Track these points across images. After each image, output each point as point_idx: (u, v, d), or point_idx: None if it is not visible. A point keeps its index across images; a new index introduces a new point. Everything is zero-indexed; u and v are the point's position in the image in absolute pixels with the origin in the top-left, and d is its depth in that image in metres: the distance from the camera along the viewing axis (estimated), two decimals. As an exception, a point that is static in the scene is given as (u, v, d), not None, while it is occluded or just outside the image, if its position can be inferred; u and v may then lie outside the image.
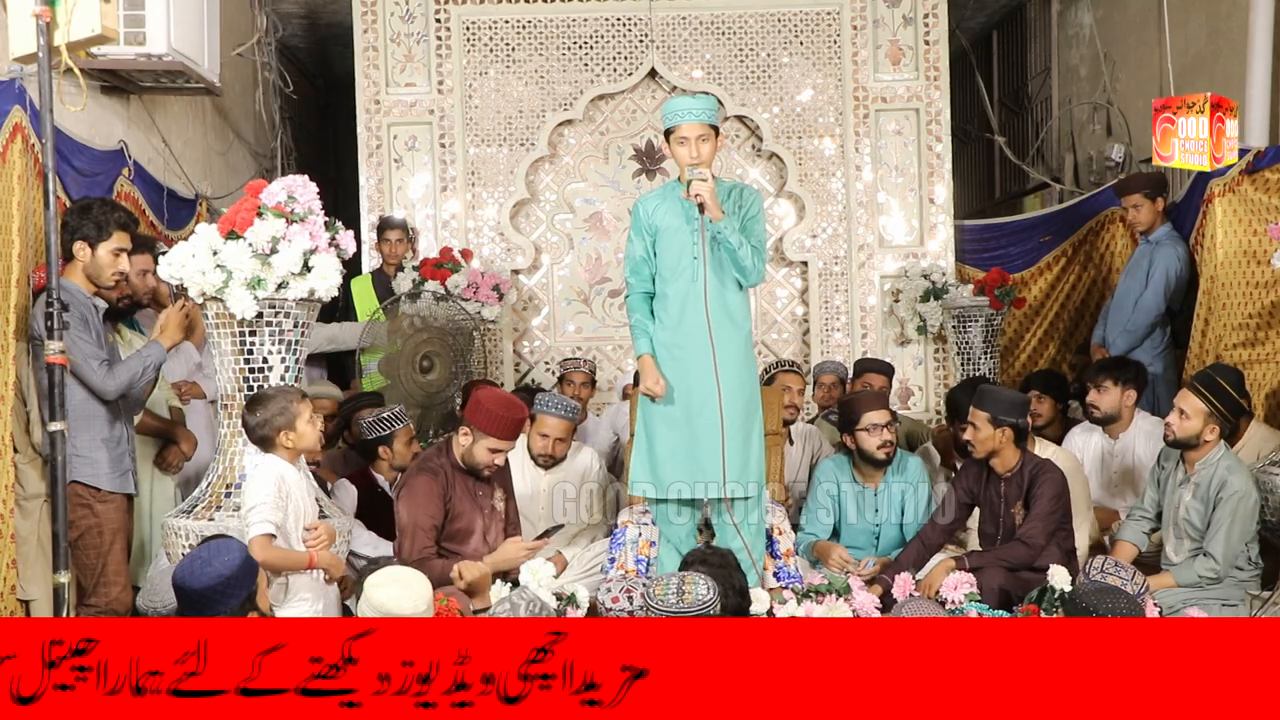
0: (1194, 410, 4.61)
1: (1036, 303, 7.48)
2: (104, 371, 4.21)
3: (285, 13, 7.92)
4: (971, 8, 8.69)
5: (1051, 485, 4.65)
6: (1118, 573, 4.05)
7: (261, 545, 3.73)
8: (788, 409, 5.62)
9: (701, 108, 4.31)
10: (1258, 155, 5.45)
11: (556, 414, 5.15)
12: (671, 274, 4.37)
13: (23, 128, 4.22)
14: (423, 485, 4.56)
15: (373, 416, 5.34)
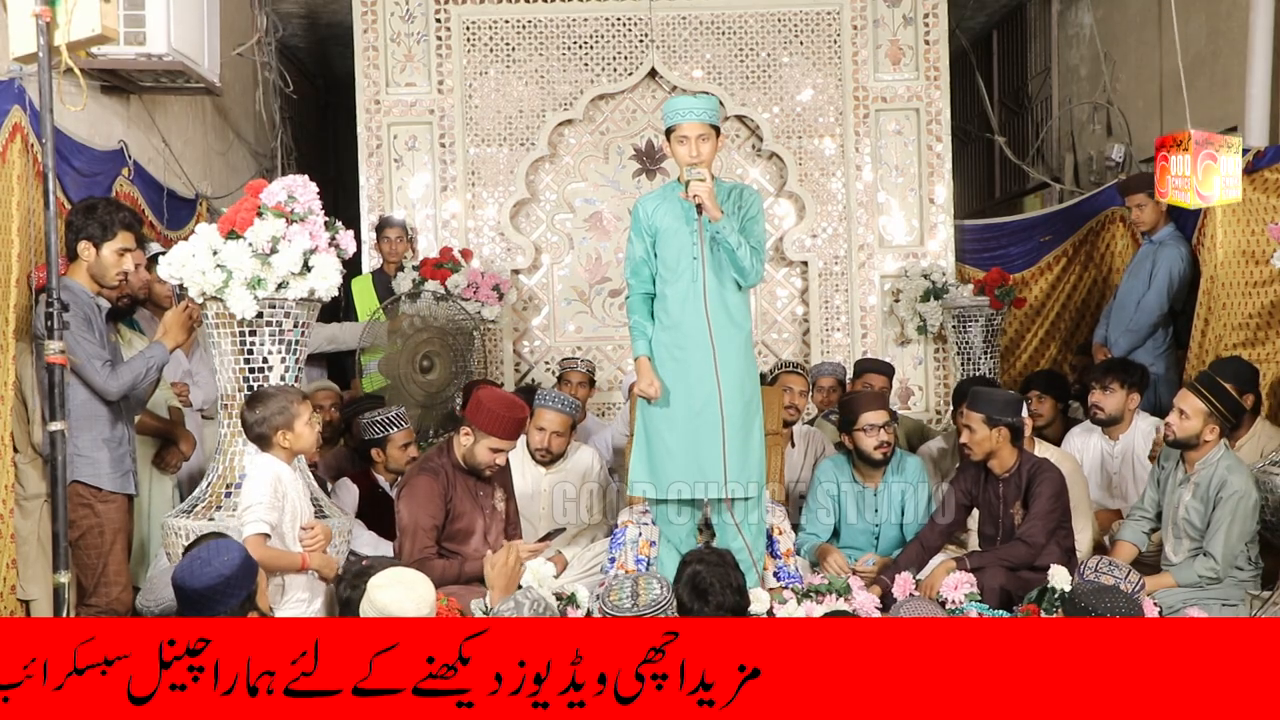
0: (1194, 410, 4.60)
1: (1037, 303, 7.48)
2: (107, 372, 4.21)
3: (285, 13, 7.92)
4: (971, 7, 8.68)
5: (1050, 484, 4.66)
6: (1112, 572, 4.06)
7: (255, 545, 3.73)
8: (789, 410, 5.62)
9: (702, 107, 4.31)
10: (1258, 155, 5.45)
11: (553, 407, 5.17)
12: (671, 275, 4.37)
13: (22, 128, 4.22)
14: (424, 485, 4.56)
15: (369, 418, 5.34)
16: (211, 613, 3.13)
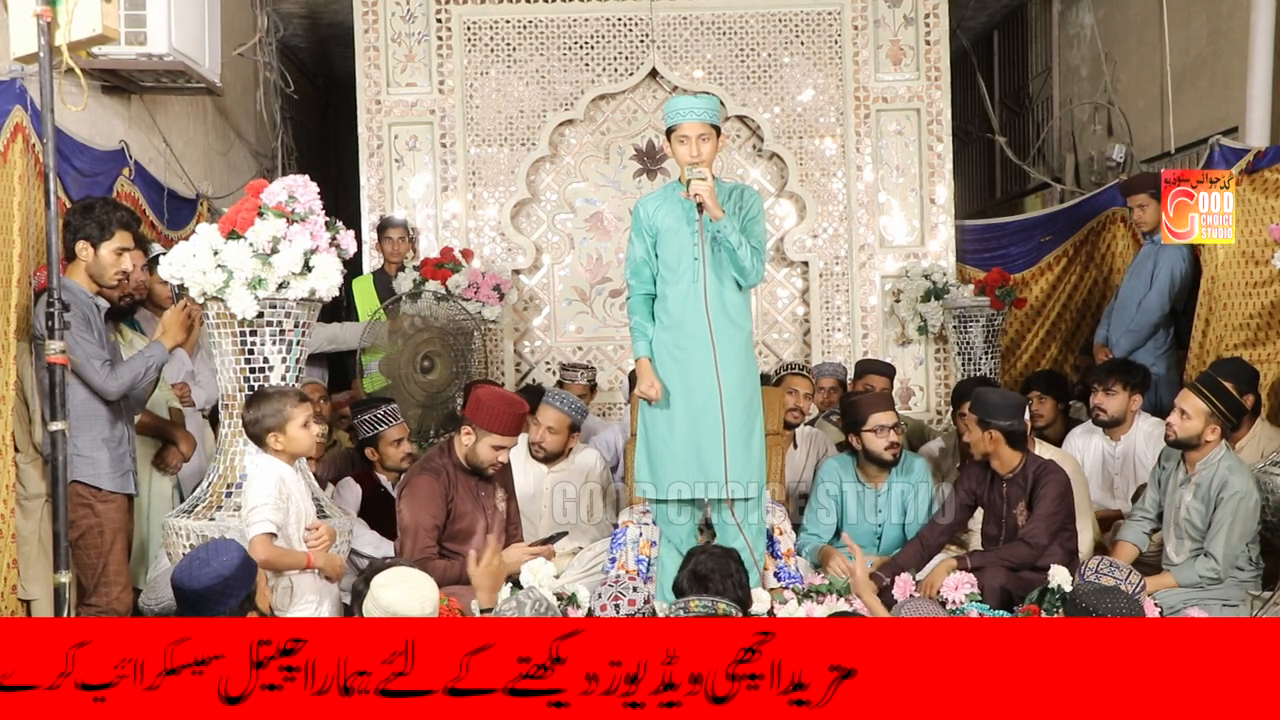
0: (1195, 410, 4.61)
1: (1038, 303, 7.48)
2: (106, 372, 4.21)
3: (286, 13, 7.92)
4: (972, 8, 8.68)
5: (1055, 486, 4.65)
6: (1112, 572, 4.06)
7: (262, 544, 3.73)
8: (793, 411, 5.62)
9: (703, 107, 4.31)
10: (1258, 155, 5.45)
11: (555, 405, 5.20)
12: (672, 275, 4.37)
13: (23, 128, 4.22)
14: (425, 485, 4.57)
15: (360, 417, 5.34)
16: (210, 613, 3.13)
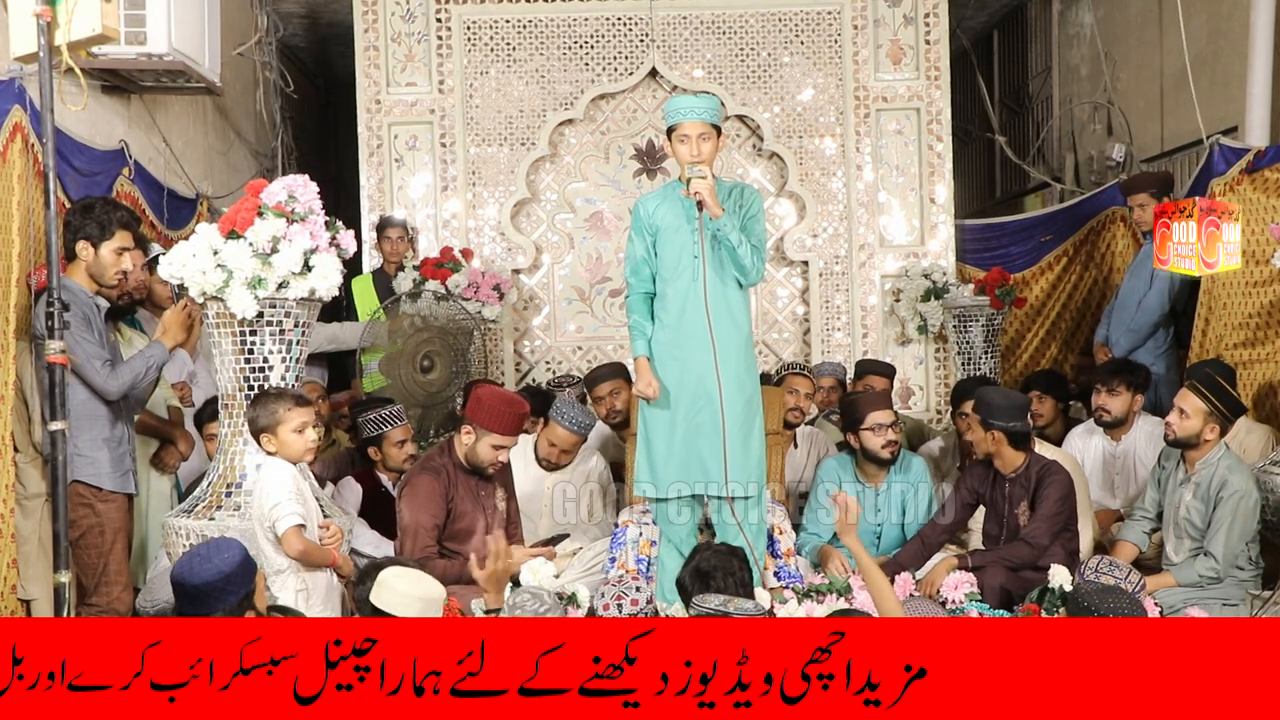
0: (1194, 410, 4.61)
1: (1038, 303, 7.48)
2: (106, 371, 4.21)
3: (286, 12, 7.92)
4: (972, 7, 8.68)
5: (1058, 486, 4.65)
6: (1112, 572, 4.06)
7: (297, 535, 3.75)
8: (793, 411, 5.62)
9: (704, 106, 4.31)
10: (1258, 155, 5.45)
11: (569, 428, 5.14)
12: (672, 274, 4.37)
13: (23, 127, 4.22)
14: (425, 485, 4.57)
15: (365, 416, 5.34)
16: (209, 611, 3.13)
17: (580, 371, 7.08)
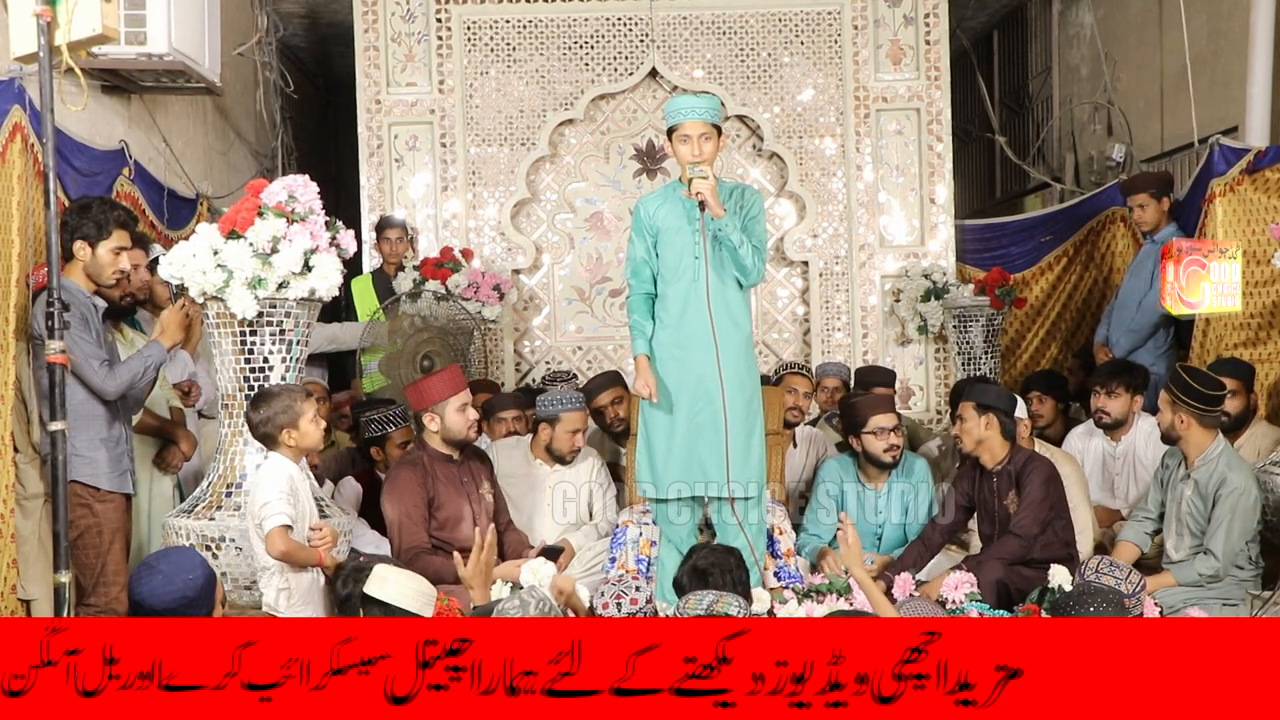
0: (1163, 403, 4.71)
1: (1038, 303, 7.48)
2: (105, 372, 4.20)
3: (286, 12, 7.92)
4: (972, 7, 8.68)
5: (1039, 473, 4.67)
6: (1113, 572, 4.05)
7: (282, 536, 3.74)
8: (792, 411, 5.62)
9: (705, 106, 4.31)
10: (1258, 155, 5.45)
11: (570, 408, 5.17)
12: (673, 274, 4.37)
13: (22, 127, 4.22)
14: (402, 478, 4.67)
15: (368, 417, 5.36)
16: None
17: (580, 372, 7.08)
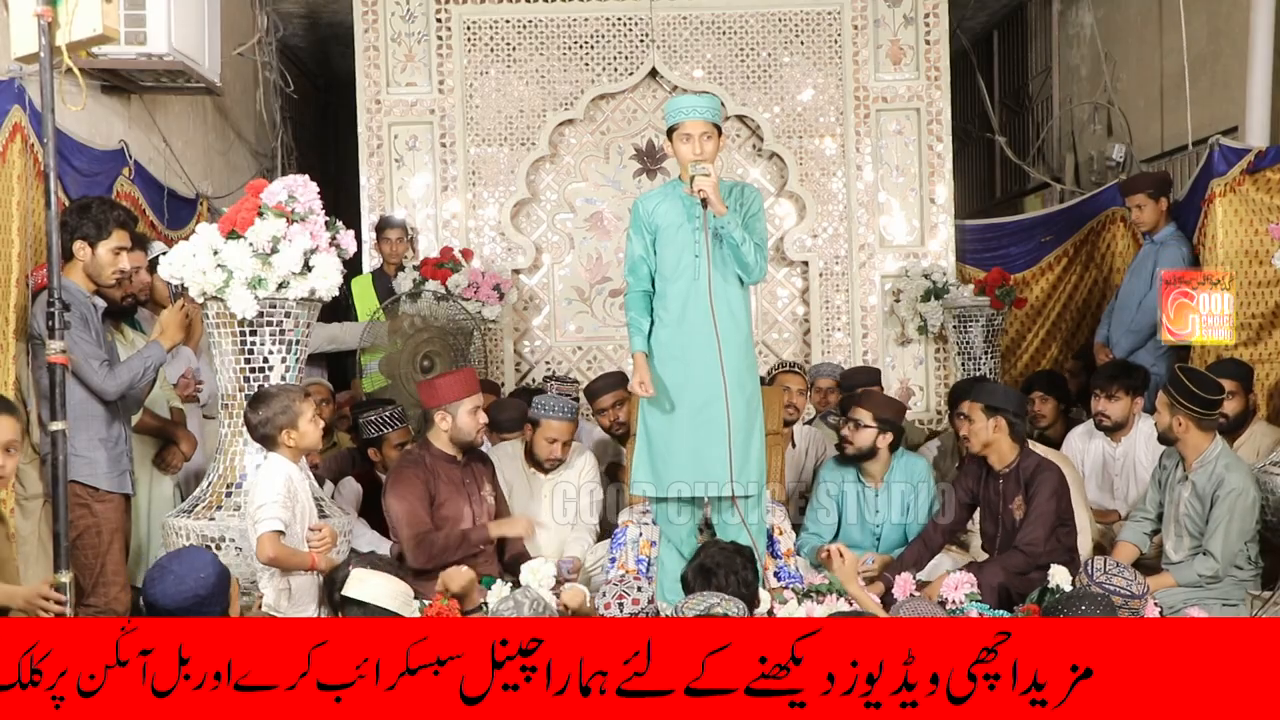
0: (1161, 405, 4.69)
1: (1038, 303, 7.48)
2: (104, 372, 4.20)
3: (286, 12, 7.92)
4: (972, 7, 8.68)
5: (1048, 484, 4.66)
6: (1120, 573, 4.04)
7: (271, 541, 3.74)
8: (788, 409, 5.62)
9: (706, 105, 4.31)
10: (1258, 155, 5.45)
11: (557, 417, 5.15)
12: (672, 272, 4.36)
13: (22, 127, 4.22)
14: (405, 475, 4.68)
15: (366, 417, 5.35)
16: None
17: (580, 372, 7.08)
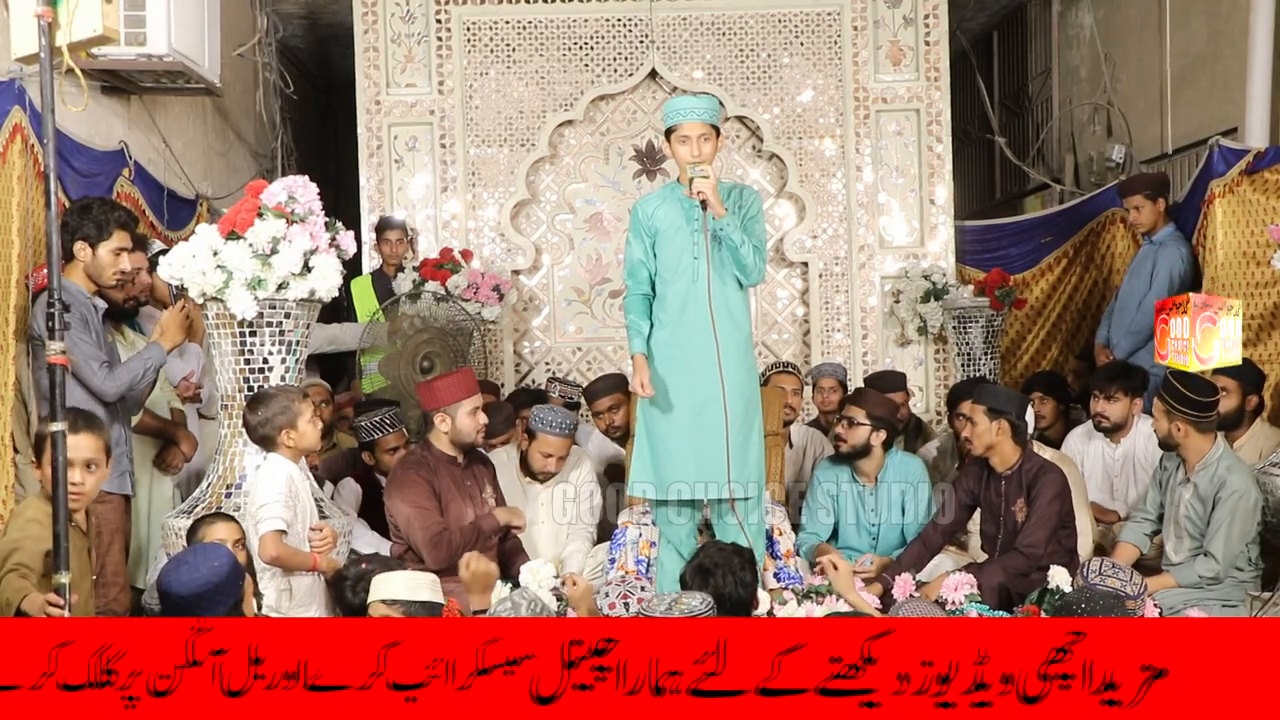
0: (1158, 412, 4.70)
1: (1038, 304, 7.48)
2: (104, 373, 4.20)
3: (286, 13, 7.92)
4: (972, 8, 8.68)
5: (1050, 488, 4.66)
6: (1116, 574, 4.05)
7: (273, 541, 3.74)
8: (785, 409, 5.62)
9: (704, 107, 4.31)
10: (1258, 155, 5.45)
11: (556, 433, 5.13)
12: (672, 275, 4.36)
13: (22, 128, 4.22)
14: (409, 476, 4.69)
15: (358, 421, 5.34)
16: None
17: (579, 373, 7.08)
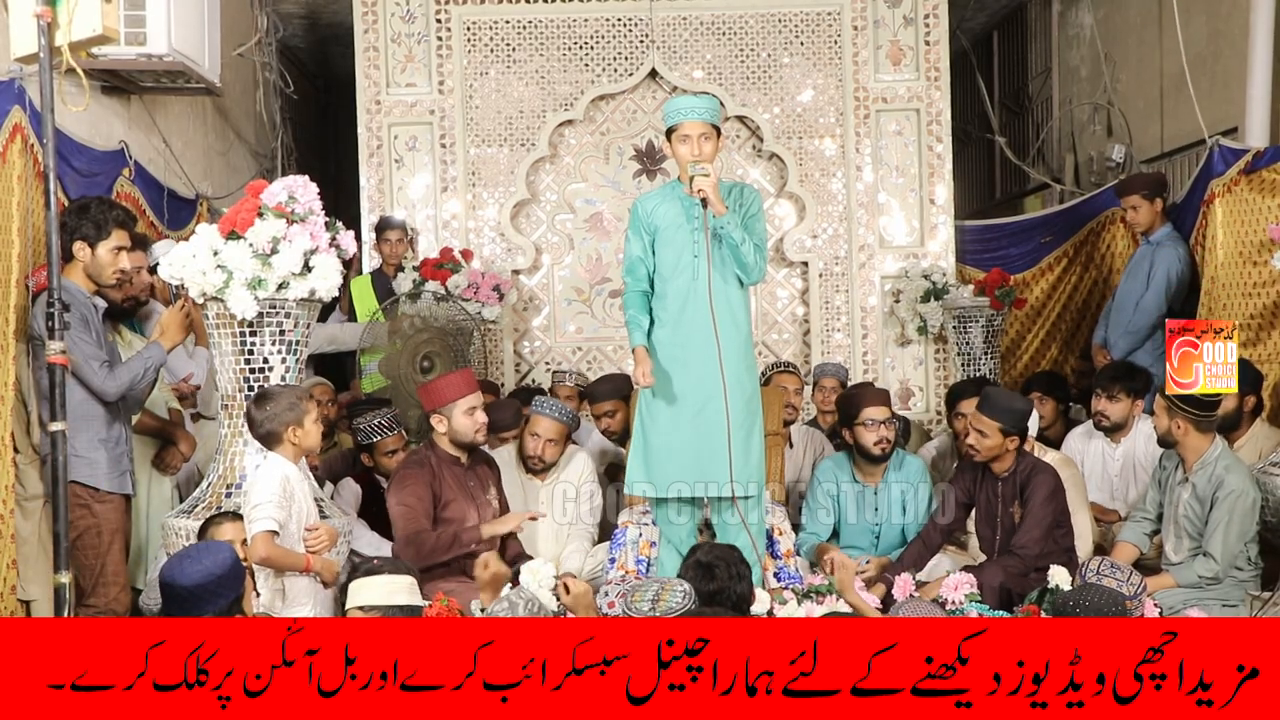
0: (1159, 409, 4.70)
1: (1038, 304, 7.48)
2: (105, 373, 4.20)
3: (286, 13, 7.92)
4: (972, 8, 8.68)
5: (1044, 487, 4.67)
6: (1114, 574, 4.05)
7: (264, 541, 3.73)
8: (786, 409, 5.62)
9: (704, 106, 4.31)
10: (1257, 155, 5.45)
11: (549, 415, 5.16)
12: (671, 273, 4.36)
13: (22, 128, 4.22)
14: (409, 476, 4.69)
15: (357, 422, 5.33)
16: (198, 613, 3.10)
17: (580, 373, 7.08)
